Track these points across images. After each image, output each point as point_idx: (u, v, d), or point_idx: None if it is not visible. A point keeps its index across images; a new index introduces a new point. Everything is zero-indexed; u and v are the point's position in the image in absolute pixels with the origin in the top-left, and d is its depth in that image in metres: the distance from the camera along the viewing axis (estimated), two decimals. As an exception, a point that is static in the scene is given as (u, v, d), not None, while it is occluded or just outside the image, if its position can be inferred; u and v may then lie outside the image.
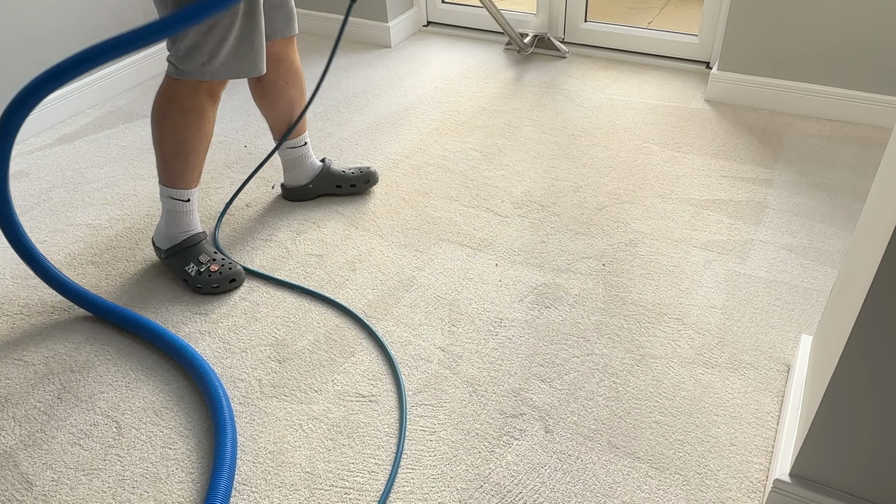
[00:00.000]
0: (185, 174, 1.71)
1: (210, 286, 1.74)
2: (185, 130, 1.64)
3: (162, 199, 1.75)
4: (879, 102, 2.27)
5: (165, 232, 1.77)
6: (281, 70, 1.82)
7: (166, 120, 1.63)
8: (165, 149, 1.67)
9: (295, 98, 1.89)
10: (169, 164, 1.69)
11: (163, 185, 1.72)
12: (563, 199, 2.05)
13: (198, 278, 1.74)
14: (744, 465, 1.31)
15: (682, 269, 1.77)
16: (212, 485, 1.25)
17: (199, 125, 1.65)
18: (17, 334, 1.66)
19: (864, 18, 2.16)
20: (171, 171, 1.70)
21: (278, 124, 1.93)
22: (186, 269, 1.75)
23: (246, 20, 1.52)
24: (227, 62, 1.55)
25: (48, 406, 1.48)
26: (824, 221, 1.92)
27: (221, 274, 1.75)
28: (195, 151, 1.69)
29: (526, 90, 2.66)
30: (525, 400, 1.45)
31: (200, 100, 1.62)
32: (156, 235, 1.81)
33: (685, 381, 1.48)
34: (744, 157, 2.21)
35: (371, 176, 2.07)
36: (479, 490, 1.29)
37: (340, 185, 2.06)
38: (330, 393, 1.48)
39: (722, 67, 2.46)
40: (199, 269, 1.74)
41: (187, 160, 1.69)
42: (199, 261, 1.75)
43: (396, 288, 1.75)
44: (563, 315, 1.65)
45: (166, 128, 1.64)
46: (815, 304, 1.65)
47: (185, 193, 1.73)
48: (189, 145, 1.66)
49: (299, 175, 2.04)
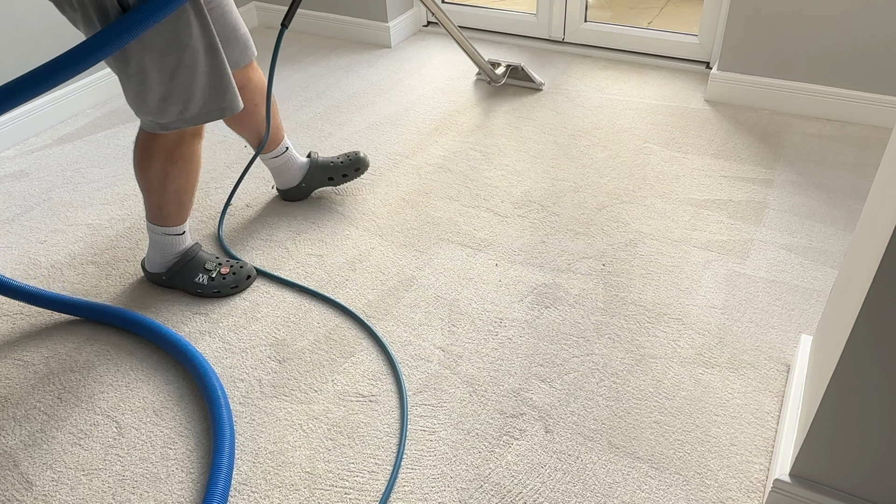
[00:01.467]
0: (180, 213, 1.67)
1: (229, 288, 1.73)
2: (177, 179, 1.59)
3: (153, 235, 1.69)
4: (879, 102, 2.27)
5: (160, 260, 1.72)
6: (247, 95, 1.74)
7: (154, 173, 1.57)
8: (157, 198, 1.62)
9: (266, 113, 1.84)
10: (162, 209, 1.64)
11: (155, 224, 1.67)
12: (563, 199, 2.05)
13: (212, 285, 1.72)
14: (744, 465, 1.31)
15: (682, 269, 1.77)
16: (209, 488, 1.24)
17: (189, 169, 1.60)
18: (17, 334, 1.66)
19: (864, 18, 2.16)
20: (164, 215, 1.65)
21: (260, 140, 1.89)
22: (197, 281, 1.72)
23: (210, 55, 1.43)
24: (206, 103, 1.47)
25: (48, 406, 1.48)
26: (824, 221, 1.92)
27: (236, 274, 1.74)
28: (188, 193, 1.64)
29: (526, 90, 2.66)
30: (525, 400, 1.45)
31: (187, 145, 1.56)
32: (148, 264, 1.75)
33: (685, 381, 1.48)
34: (744, 157, 2.21)
35: (359, 162, 2.04)
36: (479, 490, 1.29)
37: (332, 177, 2.04)
38: (330, 393, 1.48)
39: (722, 67, 2.46)
40: (212, 276, 1.72)
41: (181, 203, 1.65)
42: (207, 268, 1.73)
43: (396, 288, 1.75)
44: (563, 315, 1.65)
45: (156, 180, 1.58)
46: (815, 304, 1.65)
47: (180, 228, 1.70)
48: (182, 191, 1.62)
49: (289, 178, 2.03)
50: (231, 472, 1.29)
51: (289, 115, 2.55)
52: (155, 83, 1.40)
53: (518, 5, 3.23)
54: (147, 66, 1.37)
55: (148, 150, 1.55)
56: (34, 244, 1.94)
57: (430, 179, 2.16)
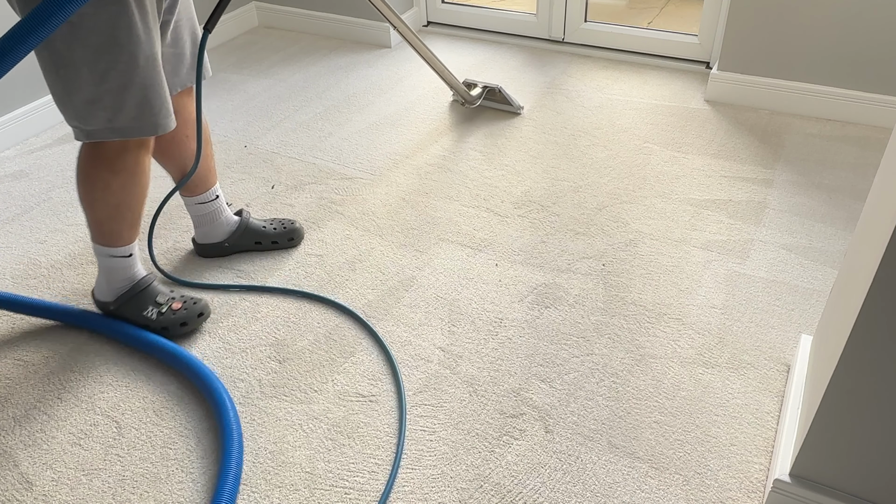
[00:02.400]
0: (123, 233, 1.53)
1: (178, 325, 1.60)
2: (120, 192, 1.45)
3: (99, 258, 1.57)
4: (879, 102, 2.27)
5: (108, 287, 1.60)
6: (181, 123, 1.59)
7: (95, 183, 1.44)
8: (97, 212, 1.49)
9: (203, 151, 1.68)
10: (104, 225, 1.51)
11: (98, 244, 1.54)
12: (563, 199, 2.05)
13: (161, 320, 1.59)
14: (744, 465, 1.31)
15: (682, 269, 1.77)
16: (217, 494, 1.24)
17: (134, 182, 1.46)
18: (17, 334, 1.66)
19: (864, 18, 2.16)
20: (108, 232, 1.52)
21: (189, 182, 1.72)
22: (146, 315, 1.59)
23: (150, 66, 1.32)
24: (138, 116, 1.34)
25: (48, 406, 1.48)
26: (824, 221, 1.92)
27: (188, 311, 1.61)
28: (132, 210, 1.50)
29: (526, 90, 2.66)
30: (525, 400, 1.45)
31: (132, 156, 1.43)
32: (97, 291, 1.63)
33: (685, 381, 1.48)
34: (744, 157, 2.21)
35: (295, 233, 1.88)
36: (479, 490, 1.29)
37: (260, 242, 1.86)
38: (330, 393, 1.48)
39: (722, 67, 2.46)
40: (161, 311, 1.60)
41: (124, 219, 1.51)
42: (158, 302, 1.61)
43: (396, 288, 1.75)
44: (563, 315, 1.65)
45: (97, 191, 1.45)
46: (815, 304, 1.65)
47: (125, 249, 1.56)
48: (125, 205, 1.48)
49: (212, 232, 1.82)
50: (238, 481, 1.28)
51: (289, 115, 2.55)
52: (84, 82, 1.28)
53: (518, 5, 3.23)
54: (77, 62, 1.26)
55: (89, 160, 1.43)
56: (34, 244, 1.94)
57: (430, 179, 2.16)
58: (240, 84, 2.78)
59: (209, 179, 1.75)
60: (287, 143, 2.38)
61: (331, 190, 2.13)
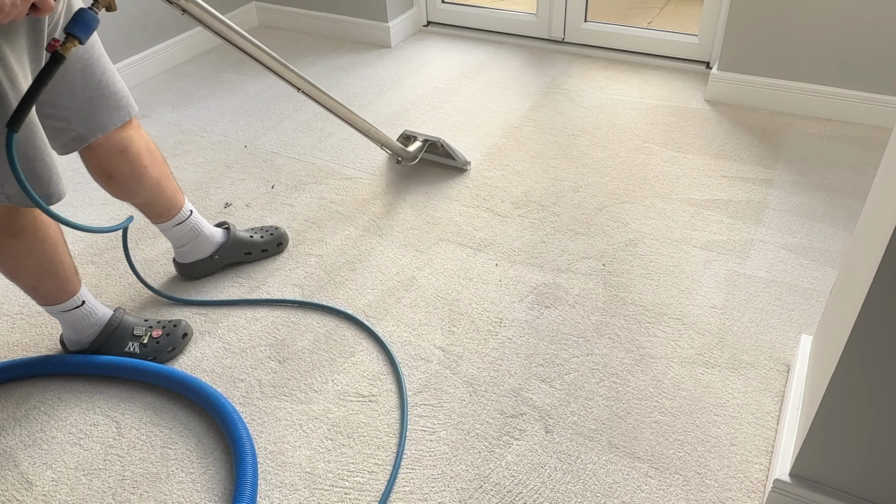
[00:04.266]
0: (60, 286, 1.45)
1: (166, 352, 1.56)
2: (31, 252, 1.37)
3: (54, 315, 1.50)
4: (879, 102, 2.27)
5: (78, 339, 1.54)
6: (131, 158, 1.49)
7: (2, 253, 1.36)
8: (23, 279, 1.42)
9: (158, 176, 1.57)
10: (38, 289, 1.44)
11: (47, 306, 1.48)
12: (563, 199, 2.05)
13: (146, 352, 1.55)
14: (744, 465, 1.31)
15: (682, 269, 1.77)
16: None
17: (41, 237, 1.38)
18: (16, 334, 1.66)
19: (864, 18, 2.16)
20: (48, 293, 1.45)
21: (156, 209, 1.64)
22: (128, 351, 1.55)
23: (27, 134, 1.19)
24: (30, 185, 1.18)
25: (48, 406, 1.48)
26: (824, 221, 1.92)
27: (170, 335, 1.57)
28: (58, 261, 1.42)
29: (526, 90, 2.66)
30: (525, 400, 1.45)
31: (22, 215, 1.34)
32: (68, 342, 1.56)
33: (685, 381, 1.48)
34: (744, 157, 2.21)
35: (283, 238, 1.87)
36: (479, 490, 1.29)
37: (250, 252, 1.83)
38: (330, 393, 1.48)
39: (722, 67, 2.46)
40: (143, 343, 1.56)
41: (55, 275, 1.43)
42: (135, 335, 1.56)
43: (396, 288, 1.75)
44: (563, 315, 1.65)
45: (9, 260, 1.37)
46: (815, 304, 1.65)
47: (74, 301, 1.49)
48: (46, 262, 1.40)
49: (198, 248, 1.75)
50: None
51: (289, 115, 2.55)
52: None
53: (518, 5, 3.23)
54: None
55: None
56: (34, 244, 1.94)
57: (430, 179, 2.16)
58: (240, 84, 2.78)
59: (176, 201, 1.65)
60: (287, 143, 2.38)
61: (331, 190, 2.13)
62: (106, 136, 1.43)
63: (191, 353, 1.58)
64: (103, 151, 1.45)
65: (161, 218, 1.66)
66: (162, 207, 1.64)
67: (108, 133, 1.43)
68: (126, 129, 1.47)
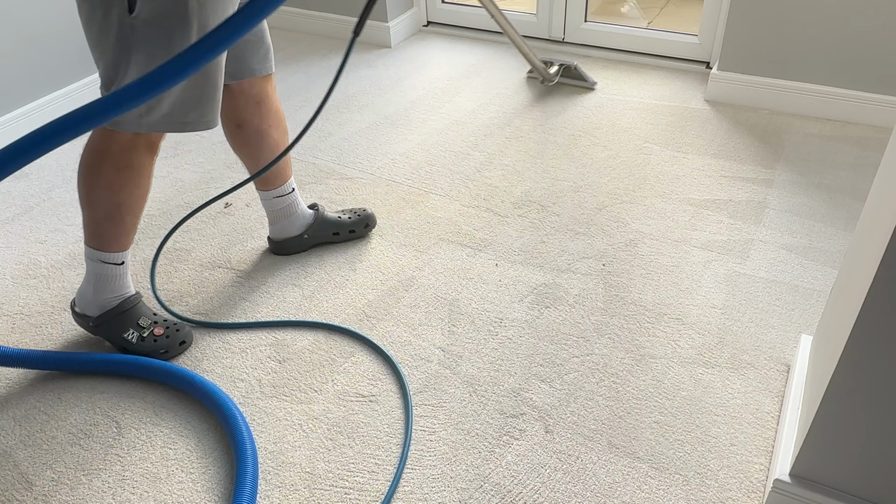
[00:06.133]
0: (119, 237, 1.49)
1: (157, 352, 1.55)
2: (122, 190, 1.42)
3: (89, 262, 1.52)
4: (879, 102, 2.27)
5: (93, 298, 1.54)
6: (263, 112, 1.60)
7: (98, 179, 1.41)
8: (96, 210, 1.45)
9: (279, 140, 1.67)
10: (101, 226, 1.47)
11: (91, 247, 1.50)
12: (563, 199, 2.05)
13: (141, 345, 1.54)
14: (744, 465, 1.31)
15: (682, 269, 1.77)
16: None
17: (136, 183, 1.44)
18: (16, 334, 1.66)
19: (864, 18, 2.16)
20: (103, 234, 1.48)
21: (266, 175, 1.71)
22: (125, 337, 1.54)
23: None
24: (170, 113, 1.31)
25: (48, 406, 1.48)
26: (824, 221, 1.92)
27: (169, 338, 1.56)
28: (132, 212, 1.47)
29: (526, 90, 2.66)
30: (525, 400, 1.45)
31: (138, 155, 1.40)
32: (79, 302, 1.56)
33: (685, 381, 1.48)
34: (744, 157, 2.21)
35: (370, 219, 1.90)
36: (479, 490, 1.29)
37: (338, 233, 1.87)
38: (330, 393, 1.48)
39: (722, 67, 2.46)
40: (142, 335, 1.55)
41: (123, 222, 1.47)
42: (140, 325, 1.55)
43: (396, 288, 1.75)
44: (563, 315, 1.65)
45: (99, 188, 1.42)
46: (815, 304, 1.65)
47: (118, 256, 1.52)
48: (125, 206, 1.45)
49: (289, 226, 1.82)
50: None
51: (289, 115, 2.55)
52: (128, 78, 1.25)
53: (518, 5, 3.22)
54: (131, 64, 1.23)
55: (97, 155, 1.39)
56: (34, 244, 1.94)
57: (430, 179, 2.16)
58: (240, 84, 2.78)
59: (286, 172, 1.74)
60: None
61: (331, 190, 2.13)
62: (249, 83, 1.53)
63: (191, 352, 1.58)
64: (242, 98, 1.55)
65: (266, 185, 1.74)
66: (271, 174, 1.71)
67: (251, 79, 1.53)
68: (267, 83, 1.58)
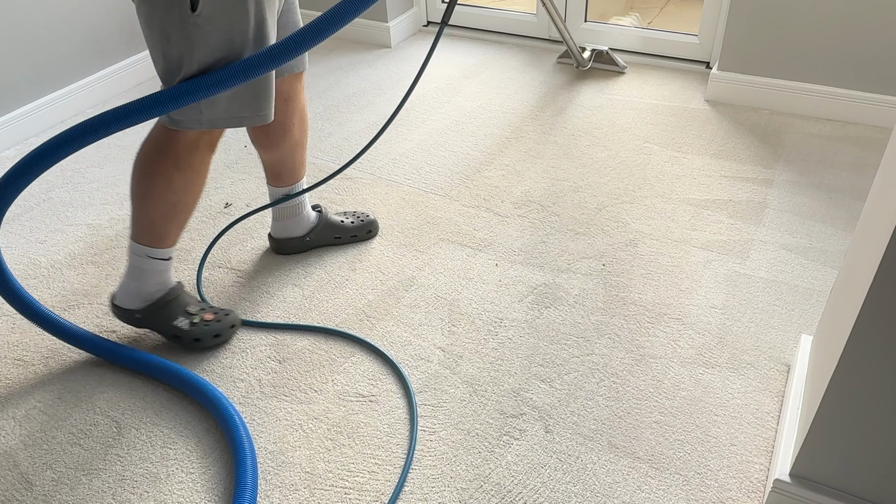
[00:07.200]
0: (172, 234, 1.49)
1: (211, 337, 1.56)
2: (181, 190, 1.42)
3: (135, 258, 1.50)
4: (879, 102, 2.27)
5: (138, 292, 1.53)
6: (290, 110, 1.60)
7: (157, 178, 1.40)
8: (153, 209, 1.44)
9: (299, 139, 1.67)
10: (155, 224, 1.46)
11: (141, 244, 1.49)
12: (563, 199, 2.05)
13: (193, 330, 1.55)
14: (744, 465, 1.31)
15: (682, 269, 1.77)
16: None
17: (196, 182, 1.44)
18: (16, 334, 1.66)
19: (864, 18, 2.16)
20: (156, 233, 1.47)
21: (280, 170, 1.70)
22: (176, 325, 1.54)
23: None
24: (229, 108, 1.32)
25: (48, 406, 1.48)
26: (824, 221, 1.92)
27: (220, 322, 1.57)
28: (188, 210, 1.47)
29: (526, 90, 2.66)
30: (525, 400, 1.45)
31: (200, 154, 1.41)
32: (121, 297, 1.54)
33: (685, 381, 1.48)
34: (744, 157, 2.21)
35: (372, 225, 1.90)
36: (479, 490, 1.29)
37: (340, 237, 1.86)
38: (330, 393, 1.48)
39: (722, 67, 2.46)
40: (192, 321, 1.55)
41: (178, 220, 1.47)
42: (189, 311, 1.55)
43: (396, 288, 1.75)
44: (563, 315, 1.65)
45: (157, 186, 1.41)
46: (815, 304, 1.65)
47: (167, 252, 1.52)
48: (182, 205, 1.45)
49: (293, 226, 1.81)
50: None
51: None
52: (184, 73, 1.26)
53: (518, 5, 3.23)
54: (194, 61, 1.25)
55: (157, 153, 1.39)
56: (34, 244, 1.94)
57: (431, 179, 2.16)
58: (240, 84, 2.78)
59: (300, 171, 1.73)
60: (287, 143, 2.38)
61: (331, 190, 2.13)
62: (279, 80, 1.53)
63: (191, 353, 1.58)
64: None
65: (278, 181, 1.73)
66: (285, 171, 1.70)
67: (282, 77, 1.54)
68: (298, 80, 1.59)
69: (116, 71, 2.70)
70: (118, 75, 2.71)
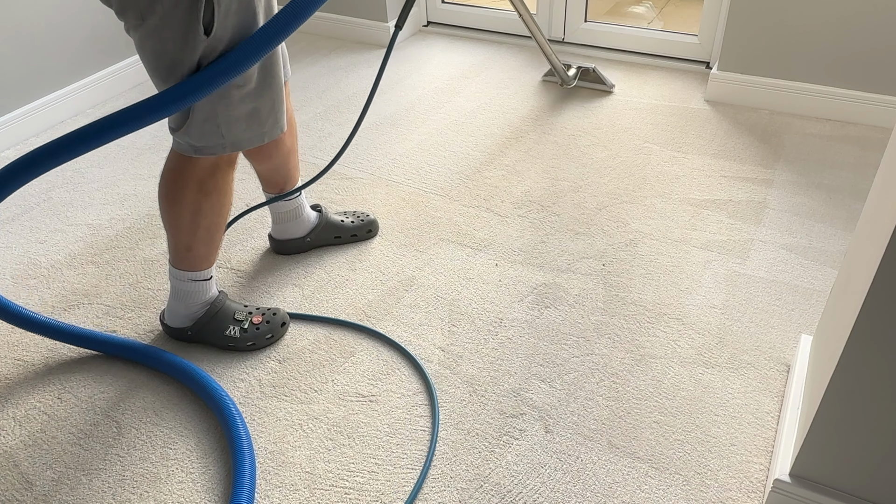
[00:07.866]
0: (209, 255, 1.50)
1: (264, 339, 1.57)
2: (210, 213, 1.42)
3: (177, 282, 1.52)
4: (879, 102, 2.27)
5: (186, 312, 1.55)
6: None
7: (184, 206, 1.40)
8: (185, 235, 1.44)
9: (291, 146, 1.66)
10: (190, 249, 1.46)
11: (181, 269, 1.50)
12: (563, 199, 2.05)
13: (245, 337, 1.56)
14: (744, 465, 1.31)
15: (682, 269, 1.77)
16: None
17: (223, 202, 1.44)
18: (16, 335, 1.66)
19: (864, 18, 2.16)
20: (193, 257, 1.48)
21: (275, 178, 1.70)
22: (228, 335, 1.55)
23: (263, 76, 1.31)
24: (249, 127, 1.33)
25: (48, 406, 1.48)
26: (824, 221, 1.92)
27: (269, 323, 1.59)
28: (220, 229, 1.48)
29: (526, 90, 2.66)
30: (525, 400, 1.45)
31: (222, 174, 1.40)
32: (170, 318, 1.58)
33: (685, 381, 1.48)
34: (744, 157, 2.21)
35: (372, 225, 1.90)
36: (479, 490, 1.29)
37: (340, 236, 1.87)
38: (330, 393, 1.48)
39: (722, 67, 2.46)
40: (244, 327, 1.56)
41: (212, 241, 1.48)
42: (237, 319, 1.57)
43: (396, 288, 1.75)
44: (563, 315, 1.65)
45: (186, 215, 1.41)
46: (815, 304, 1.65)
47: (208, 272, 1.53)
48: (214, 226, 1.45)
49: (294, 227, 1.82)
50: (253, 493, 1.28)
51: (289, 115, 2.55)
52: (202, 102, 1.26)
53: (518, 5, 3.22)
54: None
55: (179, 181, 1.38)
56: (34, 244, 1.94)
57: (430, 179, 2.16)
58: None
59: (294, 177, 1.74)
60: (287, 143, 2.38)
61: (331, 190, 2.13)
62: None
63: (191, 351, 1.58)
64: None
65: (275, 188, 1.73)
66: (281, 178, 1.70)
67: None
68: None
69: (116, 71, 2.70)
70: (118, 75, 2.71)
